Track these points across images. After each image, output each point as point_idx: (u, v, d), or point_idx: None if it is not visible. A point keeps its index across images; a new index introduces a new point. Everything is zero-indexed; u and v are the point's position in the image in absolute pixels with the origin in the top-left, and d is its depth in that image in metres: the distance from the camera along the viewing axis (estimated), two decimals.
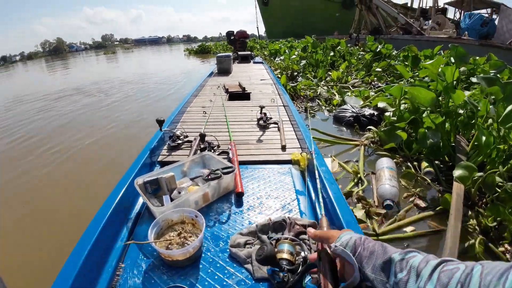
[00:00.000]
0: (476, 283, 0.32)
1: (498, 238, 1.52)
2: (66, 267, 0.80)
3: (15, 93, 8.39)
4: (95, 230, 0.93)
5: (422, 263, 0.40)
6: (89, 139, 3.66)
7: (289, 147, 1.77)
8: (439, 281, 0.36)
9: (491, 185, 1.66)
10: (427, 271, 0.38)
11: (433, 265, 0.38)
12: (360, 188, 1.89)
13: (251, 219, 1.12)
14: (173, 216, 1.00)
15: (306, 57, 6.76)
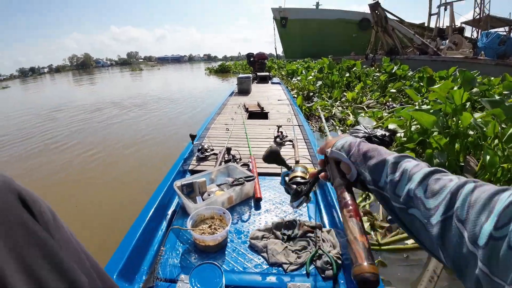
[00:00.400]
0: (465, 198, 0.31)
1: None
2: (120, 249, 1.05)
3: (57, 103, 9.25)
4: (143, 220, 1.19)
5: (415, 168, 0.39)
6: (130, 148, 4.14)
7: (301, 162, 1.99)
8: (430, 188, 0.35)
9: None
10: (419, 176, 0.38)
11: (426, 172, 0.38)
12: (367, 202, 2.05)
13: (267, 220, 1.34)
14: (205, 212, 1.24)
15: (322, 78, 7.05)
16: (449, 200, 0.32)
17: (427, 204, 0.34)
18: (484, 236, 0.26)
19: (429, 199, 0.34)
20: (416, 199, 0.36)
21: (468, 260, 0.28)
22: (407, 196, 0.38)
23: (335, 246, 1.17)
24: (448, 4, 16.63)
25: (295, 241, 1.19)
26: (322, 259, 1.09)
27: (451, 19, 16.70)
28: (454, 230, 0.30)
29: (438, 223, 0.32)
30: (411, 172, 0.39)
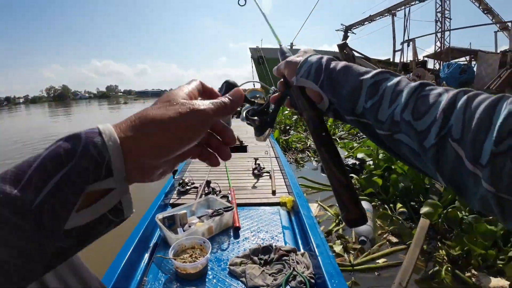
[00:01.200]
0: (459, 114, 0.27)
1: (466, 265, 1.73)
2: (103, 281, 1.10)
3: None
4: (126, 252, 1.24)
5: (397, 87, 0.34)
6: None
7: (278, 191, 2.12)
8: (418, 107, 0.31)
9: (454, 219, 1.96)
10: (403, 96, 0.32)
11: (410, 89, 0.33)
12: (339, 227, 2.19)
13: (246, 247, 1.43)
14: (186, 242, 1.31)
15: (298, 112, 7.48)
16: (442, 119, 0.28)
17: (417, 127, 0.30)
18: (486, 154, 0.24)
19: (418, 121, 0.30)
20: (403, 123, 0.32)
21: (468, 181, 0.26)
22: (392, 120, 0.33)
23: (308, 267, 1.28)
24: (411, 41, 18.61)
25: (271, 264, 1.29)
26: (296, 279, 1.19)
27: (414, 54, 18.59)
28: (450, 151, 0.27)
29: (432, 146, 0.28)
30: (394, 92, 0.34)
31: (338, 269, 1.18)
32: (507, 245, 1.69)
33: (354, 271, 1.74)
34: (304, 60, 0.46)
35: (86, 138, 0.23)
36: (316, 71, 0.43)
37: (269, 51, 29.46)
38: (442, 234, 2.02)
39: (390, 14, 20.72)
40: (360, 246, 1.96)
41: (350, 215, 0.35)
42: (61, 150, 0.23)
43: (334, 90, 0.40)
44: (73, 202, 0.22)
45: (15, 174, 0.21)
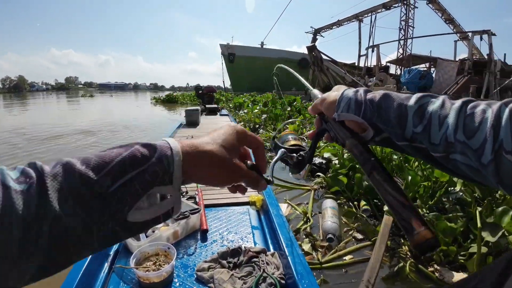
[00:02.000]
0: (506, 127, 0.29)
1: (428, 261, 1.81)
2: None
3: None
4: (83, 263, 1.13)
5: (442, 110, 0.36)
6: None
7: (248, 191, 2.09)
8: (468, 127, 0.32)
9: None
10: (452, 118, 0.34)
11: (456, 110, 0.34)
12: (307, 225, 2.22)
13: (214, 250, 1.38)
14: (149, 249, 1.23)
15: (267, 111, 7.53)
16: (493, 135, 0.30)
17: (472, 146, 0.32)
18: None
19: (471, 139, 0.32)
20: (458, 143, 0.33)
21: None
22: (446, 142, 0.35)
23: (278, 267, 1.27)
24: (376, 46, 19.70)
25: (241, 267, 1.25)
26: (266, 281, 1.17)
27: (377, 59, 19.72)
28: (506, 163, 0.29)
29: (490, 162, 0.30)
30: (441, 115, 0.36)
31: (308, 268, 1.18)
32: (467, 241, 1.82)
33: (322, 268, 1.77)
34: (340, 96, 0.48)
35: (161, 149, 0.31)
36: (356, 104, 0.45)
37: (239, 48, 29.48)
38: None
39: (357, 20, 21.74)
40: (327, 244, 2.01)
41: (420, 238, 0.31)
42: (139, 154, 0.29)
43: (381, 118, 0.42)
44: (140, 195, 0.28)
45: (98, 163, 0.27)
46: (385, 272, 1.74)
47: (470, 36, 15.40)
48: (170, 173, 0.31)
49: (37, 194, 0.25)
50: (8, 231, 0.23)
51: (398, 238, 2.09)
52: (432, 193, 2.33)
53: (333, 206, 2.40)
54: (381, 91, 0.44)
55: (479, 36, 14.43)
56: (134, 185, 0.28)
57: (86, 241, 0.27)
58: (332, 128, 0.51)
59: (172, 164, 0.31)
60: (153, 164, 0.29)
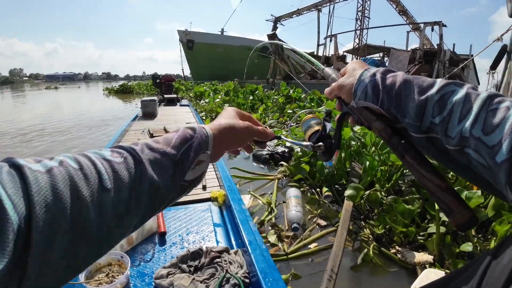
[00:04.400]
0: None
1: (389, 242, 1.89)
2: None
3: None
4: None
5: (466, 103, 0.34)
6: None
7: (209, 185, 2.01)
8: (488, 123, 0.31)
9: (375, 201, 2.16)
10: (473, 112, 0.33)
11: (480, 104, 0.33)
12: (272, 216, 2.22)
13: (173, 254, 1.29)
14: (100, 259, 1.10)
15: (229, 100, 7.38)
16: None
17: (487, 142, 0.30)
18: None
19: (489, 135, 0.30)
20: (472, 139, 0.32)
21: None
22: (461, 136, 0.33)
23: (242, 266, 1.22)
24: (333, 36, 20.26)
25: (202, 270, 1.19)
26: (230, 282, 1.12)
27: (335, 49, 20.33)
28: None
29: (504, 161, 0.28)
30: (463, 108, 0.34)
31: (273, 264, 1.16)
32: (424, 222, 1.95)
33: (289, 259, 1.78)
34: (357, 82, 0.46)
35: (199, 128, 0.43)
36: (373, 91, 0.43)
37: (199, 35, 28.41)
38: (365, 215, 2.23)
39: (316, 10, 22.10)
40: (293, 233, 2.02)
41: (461, 218, 0.33)
42: (188, 133, 0.42)
43: (398, 107, 0.40)
44: (193, 160, 0.40)
45: (165, 141, 0.39)
46: (349, 257, 1.79)
47: (422, 27, 16.51)
48: (207, 142, 0.43)
49: (134, 164, 0.34)
50: (118, 194, 0.31)
51: (359, 221, 2.18)
52: (389, 177, 2.46)
53: (297, 195, 2.43)
54: (401, 75, 0.41)
55: (431, 27, 15.54)
56: (189, 153, 0.40)
57: (168, 194, 0.38)
58: (355, 112, 0.49)
59: (207, 136, 0.43)
60: (197, 138, 0.41)
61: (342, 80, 0.50)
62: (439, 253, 1.68)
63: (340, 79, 0.51)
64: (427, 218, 1.98)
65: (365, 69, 0.47)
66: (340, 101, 0.53)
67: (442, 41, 14.81)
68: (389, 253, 1.79)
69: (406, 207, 1.84)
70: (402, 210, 1.84)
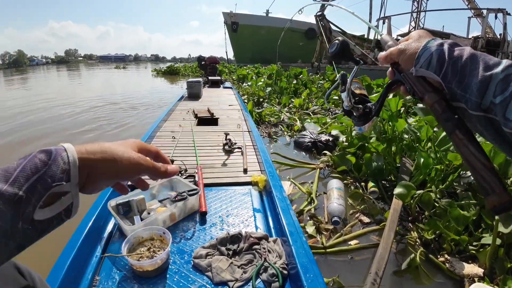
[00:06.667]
0: None
1: (438, 249, 1.72)
2: (48, 279, 0.91)
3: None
4: (73, 247, 1.04)
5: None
6: None
7: (250, 169, 1.99)
8: None
9: (427, 202, 1.95)
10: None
11: None
12: (311, 206, 2.14)
13: (213, 235, 1.29)
14: (143, 233, 1.14)
15: (272, 84, 7.25)
16: None
17: None
18: None
19: None
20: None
21: None
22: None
23: (281, 256, 1.18)
24: (387, 18, 18.60)
25: (240, 255, 1.17)
26: (268, 271, 1.09)
27: (388, 32, 18.67)
28: None
29: None
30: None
31: (313, 259, 1.09)
32: (478, 230, 1.72)
33: (326, 253, 1.71)
34: (423, 48, 0.43)
35: (56, 152, 0.34)
36: (438, 60, 0.41)
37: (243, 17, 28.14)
38: (414, 216, 2.04)
39: None
40: (332, 227, 1.93)
41: (499, 200, 0.33)
42: (37, 160, 0.33)
43: (460, 82, 0.38)
44: (41, 196, 0.32)
45: (3, 175, 0.31)
46: (393, 261, 1.65)
47: (484, 13, 14.51)
48: (68, 170, 0.34)
49: None
50: None
51: (406, 223, 2.00)
52: (443, 177, 2.20)
53: (339, 187, 2.30)
54: (468, 49, 0.39)
55: (494, 14, 13.70)
56: (37, 188, 0.31)
57: (8, 241, 0.30)
58: (409, 80, 0.46)
59: (68, 162, 0.34)
60: (52, 165, 0.33)
61: (406, 44, 0.47)
62: (491, 266, 1.49)
63: (404, 43, 0.48)
64: (482, 227, 1.74)
65: (432, 38, 0.45)
66: (394, 68, 0.50)
67: (505, 31, 12.96)
68: (437, 261, 1.63)
69: (461, 213, 1.64)
70: (456, 216, 1.64)
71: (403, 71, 0.48)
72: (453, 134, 0.38)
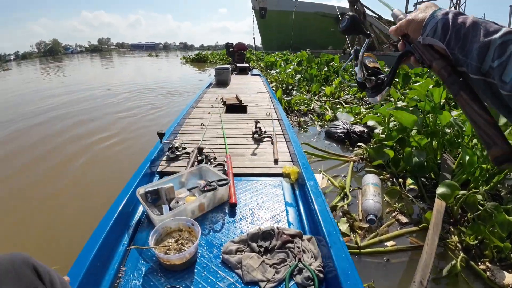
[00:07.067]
0: None
1: (479, 256, 1.57)
2: (73, 269, 0.88)
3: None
4: (100, 235, 1.02)
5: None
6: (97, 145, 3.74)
7: (281, 160, 1.88)
8: None
9: (472, 204, 1.74)
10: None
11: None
12: (345, 202, 2.00)
13: (243, 228, 1.22)
14: (172, 224, 1.09)
15: (301, 71, 6.98)
16: None
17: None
18: None
19: None
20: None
21: None
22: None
23: (316, 257, 1.08)
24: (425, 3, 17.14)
25: (273, 253, 1.09)
26: (302, 274, 1.00)
27: None
28: None
29: None
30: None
31: (353, 263, 0.98)
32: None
33: (360, 254, 1.58)
34: (429, 17, 0.46)
35: None
36: (443, 28, 0.43)
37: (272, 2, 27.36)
38: (455, 218, 1.83)
39: None
40: (367, 226, 1.79)
41: (500, 151, 0.36)
42: None
43: (462, 48, 0.40)
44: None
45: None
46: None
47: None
48: None
49: None
50: None
51: (447, 225, 1.81)
52: (488, 178, 1.96)
53: (376, 183, 2.13)
54: (471, 17, 0.41)
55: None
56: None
57: None
58: (418, 50, 0.49)
59: None
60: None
61: (414, 15, 0.50)
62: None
63: (411, 14, 0.51)
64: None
65: (438, 8, 0.47)
66: (405, 40, 0.53)
67: None
68: (478, 269, 1.48)
69: (506, 218, 1.45)
70: (501, 221, 1.45)
71: (413, 42, 0.50)
72: (458, 95, 0.41)
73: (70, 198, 2.45)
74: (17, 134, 4.33)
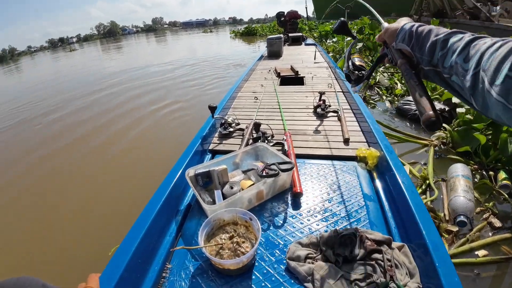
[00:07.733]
0: (491, 53, 0.36)
1: None
2: (111, 265, 0.74)
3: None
4: (145, 224, 0.87)
5: (459, 41, 0.43)
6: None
7: (352, 140, 1.55)
8: (468, 54, 0.40)
9: None
10: (460, 47, 0.42)
11: (466, 41, 0.42)
12: (429, 198, 1.61)
13: (311, 226, 0.97)
14: (225, 216, 0.89)
15: (363, 39, 6.17)
16: (479, 58, 0.38)
17: (465, 67, 0.41)
18: (501, 77, 0.33)
19: (467, 63, 0.40)
20: (456, 66, 0.42)
21: (488, 99, 0.36)
22: (450, 66, 0.44)
23: (412, 274, 0.80)
24: None
25: (354, 265, 0.82)
26: None
27: None
28: (480, 79, 0.37)
29: (470, 77, 0.39)
30: (455, 45, 0.44)
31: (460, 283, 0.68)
32: None
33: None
34: (400, 29, 0.60)
35: None
36: (409, 36, 0.57)
37: None
38: None
39: None
40: (457, 229, 1.41)
41: (429, 118, 0.45)
42: None
43: (420, 48, 0.53)
44: None
45: None
46: None
47: None
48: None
49: None
50: None
51: None
52: None
53: (467, 175, 1.69)
54: (429, 26, 0.53)
55: None
56: None
57: None
58: (390, 52, 0.64)
59: None
60: None
61: (389, 26, 0.65)
62: None
63: (388, 25, 0.66)
64: None
65: (409, 21, 0.61)
66: (384, 45, 0.67)
67: None
68: None
69: None
70: None
71: (389, 46, 0.65)
72: (408, 81, 0.54)
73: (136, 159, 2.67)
74: (99, 102, 5.15)
